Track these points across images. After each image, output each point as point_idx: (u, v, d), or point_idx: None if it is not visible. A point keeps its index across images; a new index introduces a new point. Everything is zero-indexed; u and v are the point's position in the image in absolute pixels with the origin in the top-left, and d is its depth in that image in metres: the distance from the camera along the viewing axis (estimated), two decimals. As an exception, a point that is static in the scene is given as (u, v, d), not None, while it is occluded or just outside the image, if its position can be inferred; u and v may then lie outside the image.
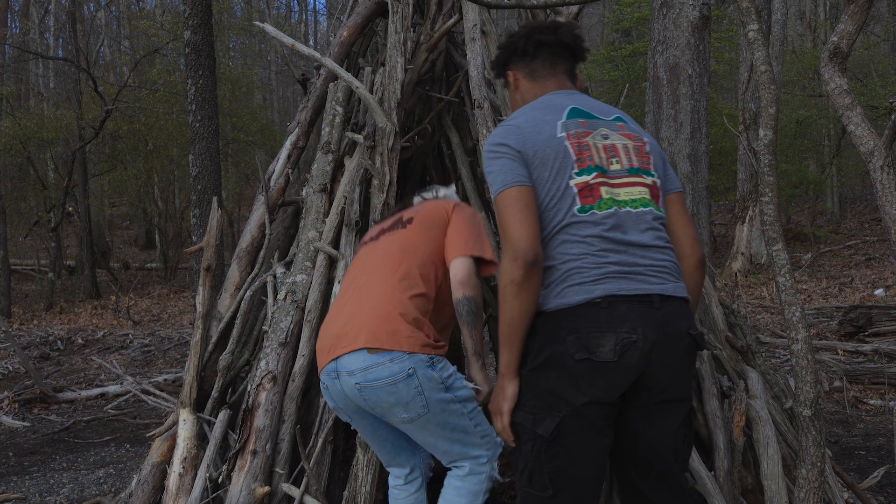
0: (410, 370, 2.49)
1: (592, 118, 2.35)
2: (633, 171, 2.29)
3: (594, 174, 2.23)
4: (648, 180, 2.31)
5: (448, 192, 3.09)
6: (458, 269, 2.63)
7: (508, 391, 2.23)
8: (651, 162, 2.35)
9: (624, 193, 2.25)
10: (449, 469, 2.75)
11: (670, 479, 2.29)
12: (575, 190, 2.21)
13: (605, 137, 2.31)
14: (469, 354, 2.67)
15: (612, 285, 2.12)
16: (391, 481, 2.92)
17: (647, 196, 2.28)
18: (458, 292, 2.60)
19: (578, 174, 2.22)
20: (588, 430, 2.14)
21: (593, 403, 2.12)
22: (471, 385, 2.63)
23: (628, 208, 2.23)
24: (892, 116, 2.05)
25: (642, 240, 2.21)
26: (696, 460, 3.05)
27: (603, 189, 2.22)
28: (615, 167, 2.27)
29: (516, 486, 2.30)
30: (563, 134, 2.27)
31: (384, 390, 2.52)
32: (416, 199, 3.11)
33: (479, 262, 2.68)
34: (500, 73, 2.63)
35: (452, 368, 2.62)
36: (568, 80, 2.52)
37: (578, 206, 2.19)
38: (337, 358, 2.59)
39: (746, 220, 14.18)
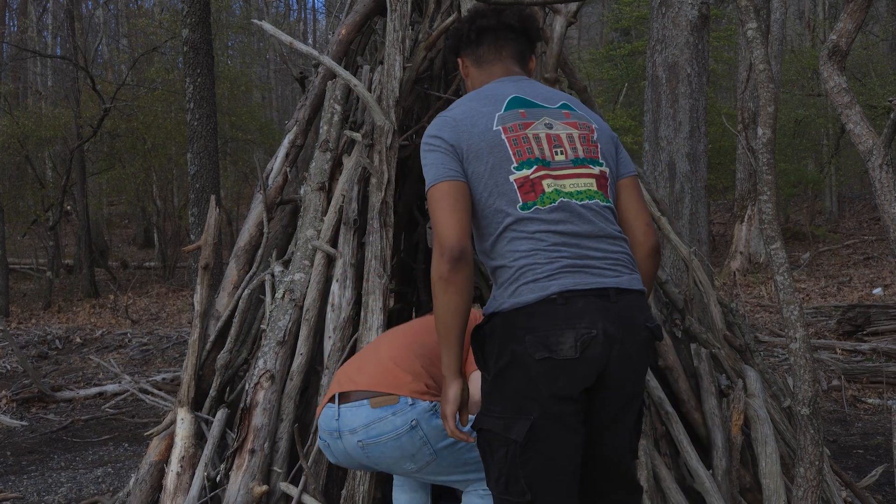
0: (413, 422, 2.46)
1: (535, 107, 2.27)
2: (577, 162, 2.21)
3: (534, 167, 2.16)
4: (595, 170, 2.23)
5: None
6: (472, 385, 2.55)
7: (450, 394, 2.18)
8: (599, 150, 2.27)
9: (569, 185, 2.17)
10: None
11: (624, 470, 2.27)
12: (515, 186, 2.14)
13: (549, 127, 2.23)
14: None
15: (567, 280, 2.07)
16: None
17: (594, 187, 2.20)
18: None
19: (518, 168, 2.15)
20: (560, 429, 2.08)
21: (561, 400, 2.06)
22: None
23: (574, 200, 2.15)
24: (892, 115, 2.05)
25: (592, 231, 2.15)
26: (694, 459, 3.06)
27: (545, 182, 2.15)
28: (560, 158, 2.19)
29: (493, 494, 2.21)
30: (500, 127, 2.20)
31: (388, 446, 2.49)
32: None
33: None
34: (452, 61, 2.58)
35: None
36: (516, 64, 2.43)
37: (521, 202, 2.13)
38: (339, 408, 2.57)
39: (745, 220, 14.19)
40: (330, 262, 3.54)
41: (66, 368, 8.85)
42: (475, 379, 2.56)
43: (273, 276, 3.66)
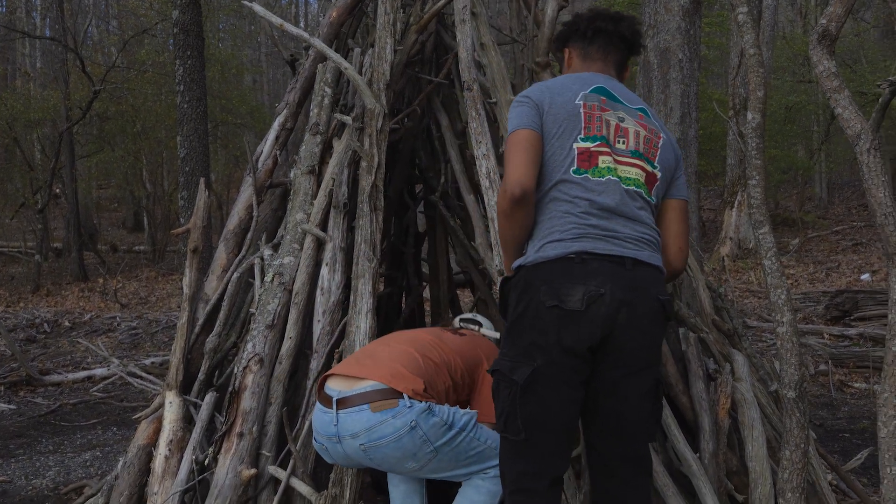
0: (413, 423, 2.53)
1: (615, 101, 2.48)
2: (635, 154, 2.44)
3: (598, 143, 2.37)
4: (648, 167, 2.45)
5: (489, 330, 3.26)
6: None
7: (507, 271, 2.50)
8: (659, 155, 2.48)
9: (622, 170, 2.38)
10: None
11: (635, 447, 2.41)
12: (576, 152, 2.35)
13: (621, 120, 2.47)
14: None
15: (588, 244, 2.28)
16: None
17: (642, 179, 2.42)
18: None
19: (583, 139, 2.37)
20: (560, 380, 2.28)
21: (565, 351, 2.25)
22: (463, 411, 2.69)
23: (621, 183, 2.36)
24: (880, 100, 2.05)
25: (628, 212, 2.35)
26: (681, 442, 3.07)
27: (602, 158, 2.36)
28: (620, 146, 2.42)
29: (497, 431, 2.43)
30: (581, 102, 2.41)
31: (390, 447, 2.54)
32: (463, 324, 3.30)
33: None
34: (559, 48, 2.77)
35: (446, 406, 2.66)
36: (614, 69, 2.66)
37: (575, 167, 2.34)
38: (338, 414, 2.59)
39: (735, 205, 14.22)
40: (319, 245, 3.54)
41: (54, 352, 8.82)
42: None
43: (262, 259, 3.65)
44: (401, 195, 4.87)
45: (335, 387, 2.66)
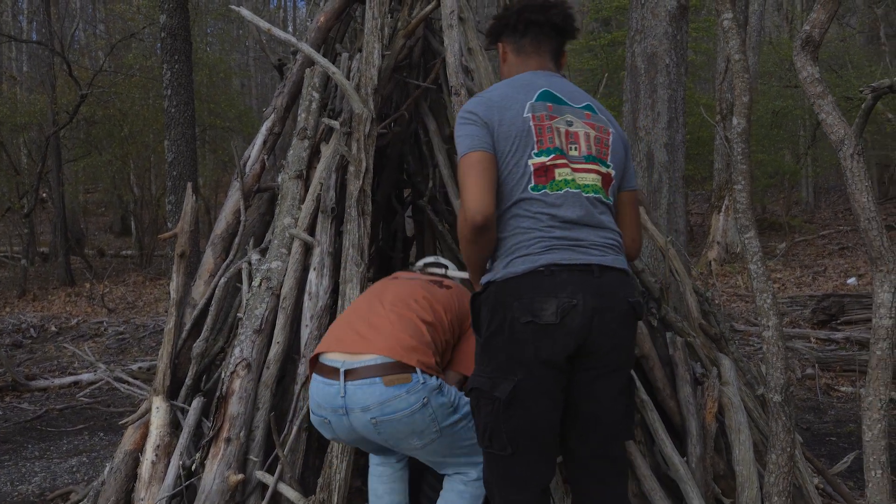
0: (425, 400, 2.51)
1: (561, 104, 2.48)
2: (589, 159, 2.45)
3: (553, 156, 2.38)
4: (603, 169, 2.46)
5: (455, 272, 3.24)
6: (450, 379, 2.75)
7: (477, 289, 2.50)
8: (611, 153, 2.50)
9: (579, 178, 2.40)
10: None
11: (611, 448, 2.45)
12: (532, 169, 2.36)
13: (570, 124, 2.46)
14: None
15: (555, 255, 2.30)
16: (374, 457, 2.93)
17: (599, 184, 2.44)
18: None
19: (538, 154, 2.37)
20: (541, 392, 2.30)
21: (543, 364, 2.27)
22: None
23: (580, 191, 2.39)
24: (863, 105, 2.07)
25: (591, 220, 2.38)
26: (668, 446, 3.08)
27: (558, 171, 2.37)
28: (573, 153, 2.42)
29: (481, 448, 2.44)
30: (529, 115, 2.40)
31: (402, 422, 2.51)
32: (427, 267, 3.27)
33: None
34: (492, 43, 2.76)
35: (454, 388, 2.65)
36: (551, 60, 2.64)
37: (532, 184, 2.34)
38: (346, 385, 2.53)
39: (722, 210, 14.28)
40: (307, 250, 3.53)
41: (40, 357, 8.77)
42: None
43: (250, 264, 3.64)
44: (389, 200, 4.87)
45: (338, 357, 2.58)
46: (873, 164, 18.43)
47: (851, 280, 12.17)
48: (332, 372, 2.56)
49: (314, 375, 2.65)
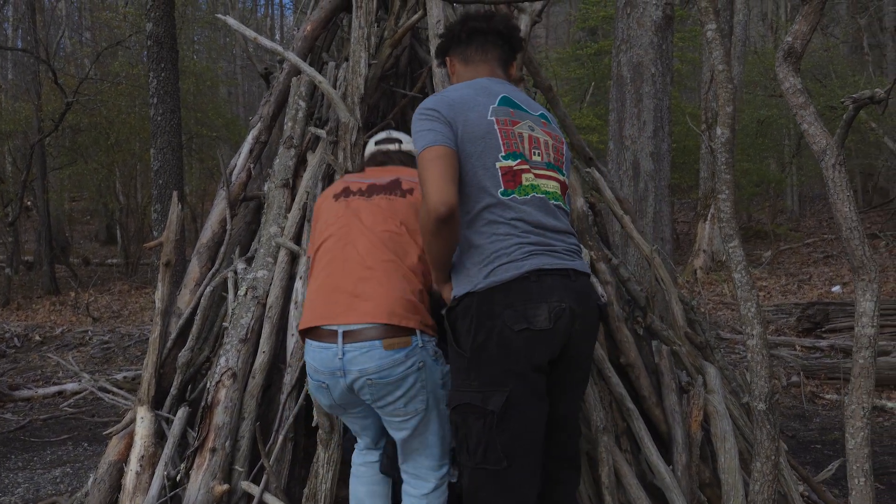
0: (421, 364, 2.49)
1: (521, 110, 2.51)
2: (549, 166, 2.48)
3: (518, 161, 2.39)
4: (560, 177, 2.52)
5: (409, 144, 3.01)
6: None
7: (445, 293, 2.47)
8: (564, 162, 2.56)
9: (543, 184, 2.42)
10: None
11: (572, 446, 2.55)
12: (500, 172, 2.36)
13: (532, 129, 2.48)
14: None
15: (537, 260, 2.30)
16: (357, 457, 2.88)
17: (559, 191, 2.49)
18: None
19: (504, 157, 2.37)
20: (533, 398, 2.31)
21: (535, 370, 2.29)
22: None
23: (546, 198, 2.41)
24: (844, 116, 2.09)
25: (557, 226, 2.41)
26: (654, 455, 3.09)
27: (524, 176, 2.38)
28: (536, 159, 2.45)
29: (463, 468, 2.40)
30: (493, 118, 2.41)
31: (395, 385, 2.48)
32: (380, 148, 3.05)
33: None
34: (441, 60, 2.78)
35: (447, 365, 2.59)
36: (499, 67, 2.66)
37: (502, 188, 2.34)
38: (344, 347, 2.47)
39: (708, 218, 14.35)
40: (293, 259, 3.52)
41: (24, 367, 8.70)
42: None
43: (236, 273, 3.63)
44: (375, 208, 4.86)
45: (333, 322, 2.51)
46: (857, 173, 18.58)
47: (836, 288, 12.25)
48: (329, 335, 2.51)
49: (308, 341, 2.60)
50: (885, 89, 1.97)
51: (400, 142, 3.05)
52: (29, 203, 17.86)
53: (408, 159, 2.98)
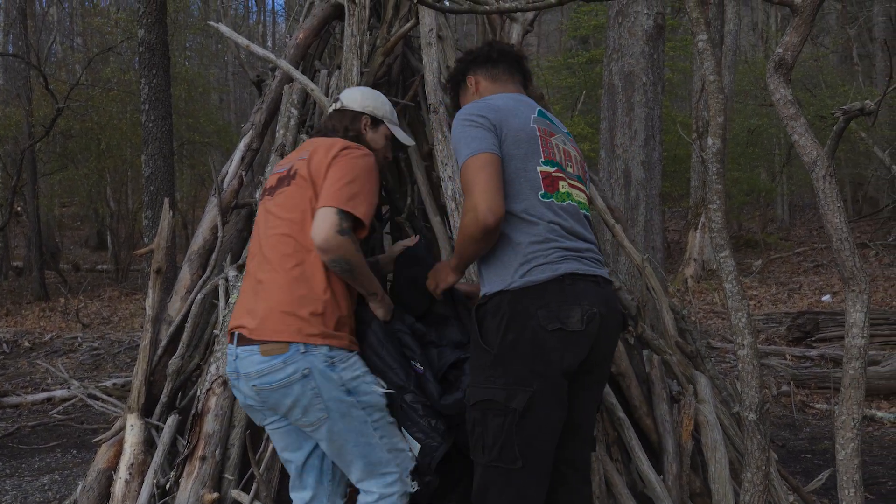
0: (306, 370, 2.44)
1: (554, 125, 2.63)
2: (579, 179, 2.59)
3: (555, 168, 2.47)
4: (586, 189, 2.65)
5: (349, 99, 2.90)
6: (316, 227, 2.45)
7: (451, 278, 2.62)
8: (587, 179, 2.70)
9: (575, 194, 2.52)
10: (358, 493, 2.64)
11: (583, 455, 2.59)
12: (540, 176, 2.43)
13: (564, 143, 2.59)
14: (365, 297, 2.65)
15: (572, 265, 2.36)
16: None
17: (586, 202, 2.60)
18: (322, 256, 2.49)
19: (545, 163, 2.45)
20: (554, 400, 2.34)
21: (562, 373, 2.32)
22: (380, 390, 2.56)
23: (577, 206, 2.51)
24: (835, 128, 2.10)
25: (586, 234, 2.50)
26: (645, 464, 3.09)
27: (561, 183, 2.46)
28: (569, 170, 2.55)
29: (475, 465, 2.40)
30: (535, 126, 2.49)
31: (280, 392, 2.46)
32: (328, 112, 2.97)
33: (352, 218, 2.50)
34: (459, 81, 2.84)
35: (360, 369, 2.55)
36: (523, 90, 2.79)
37: (542, 191, 2.41)
38: (238, 349, 2.53)
39: (699, 227, 14.39)
40: (284, 266, 3.51)
41: (13, 373, 8.65)
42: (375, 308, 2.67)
43: (227, 280, 3.62)
44: (367, 216, 4.85)
45: (233, 326, 2.60)
46: (847, 183, 18.67)
47: (826, 297, 12.30)
48: (231, 338, 2.60)
49: None
50: (875, 101, 1.99)
51: (339, 101, 2.95)
52: (19, 208, 17.78)
53: (338, 119, 2.86)
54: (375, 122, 2.89)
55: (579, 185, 2.57)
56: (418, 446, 2.58)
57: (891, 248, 15.24)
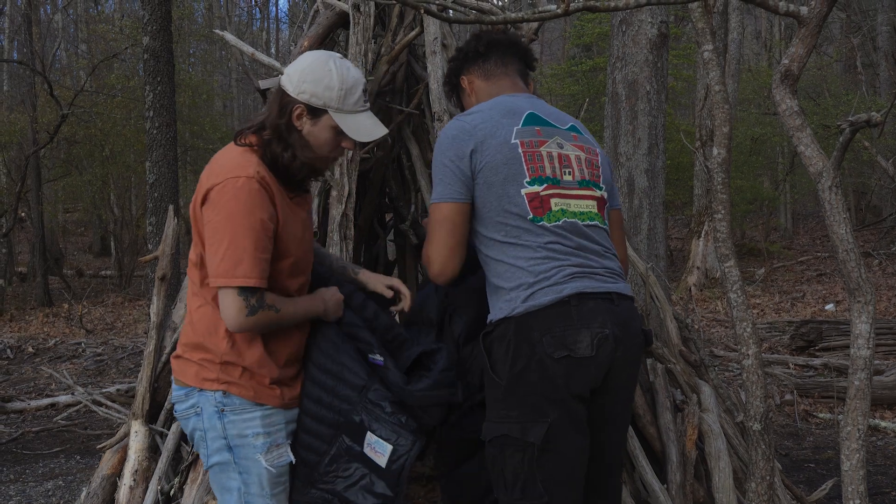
0: (197, 409, 2.26)
1: (548, 126, 2.39)
2: (583, 184, 2.36)
3: (545, 185, 2.28)
4: (597, 193, 2.39)
5: (287, 75, 2.31)
6: (225, 315, 2.15)
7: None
8: (601, 174, 2.42)
9: (574, 205, 2.31)
10: None
11: (615, 480, 2.45)
12: (525, 199, 2.25)
13: (560, 147, 2.36)
14: None
15: (578, 283, 2.19)
16: None
17: (595, 209, 2.36)
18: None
19: (530, 183, 2.26)
20: (574, 429, 2.19)
21: (576, 399, 2.17)
22: (285, 459, 2.28)
23: (577, 220, 2.29)
24: (840, 139, 2.11)
25: (594, 248, 2.30)
26: (649, 473, 3.08)
27: (553, 201, 2.27)
28: (567, 178, 2.32)
29: (505, 502, 2.24)
30: (517, 141, 2.30)
31: (183, 422, 2.38)
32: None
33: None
34: (453, 85, 2.67)
35: (254, 430, 2.22)
36: (520, 80, 2.57)
37: (531, 215, 2.24)
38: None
39: (702, 235, 14.38)
40: (289, 274, 3.52)
41: (17, 378, 8.66)
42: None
43: (231, 287, 3.61)
44: (371, 224, 4.87)
45: None
46: (850, 191, 18.67)
47: (830, 306, 12.28)
48: None
49: None
50: (881, 112, 1.99)
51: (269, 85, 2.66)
52: (23, 214, 17.83)
53: (272, 104, 2.35)
54: (315, 111, 2.26)
55: (583, 192, 2.33)
56: (389, 448, 2.30)
57: (894, 258, 15.24)
